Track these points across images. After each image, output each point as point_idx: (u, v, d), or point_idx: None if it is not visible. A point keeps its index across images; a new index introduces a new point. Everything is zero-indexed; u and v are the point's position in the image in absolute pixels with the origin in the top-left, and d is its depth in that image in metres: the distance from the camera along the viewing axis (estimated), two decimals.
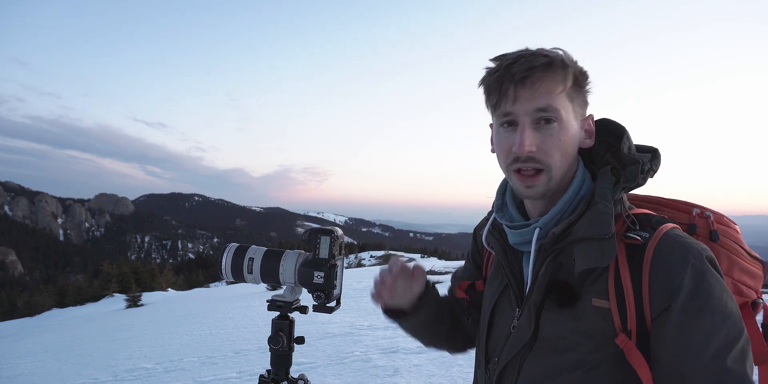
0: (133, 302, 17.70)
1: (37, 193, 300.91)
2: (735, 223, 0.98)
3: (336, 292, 1.06)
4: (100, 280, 26.89)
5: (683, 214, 0.99)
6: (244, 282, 1.10)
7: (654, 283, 0.81)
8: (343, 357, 5.27)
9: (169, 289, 26.71)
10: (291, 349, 1.13)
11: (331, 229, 1.05)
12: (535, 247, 0.92)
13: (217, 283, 38.12)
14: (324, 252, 1.03)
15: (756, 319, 0.91)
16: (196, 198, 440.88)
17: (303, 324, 7.02)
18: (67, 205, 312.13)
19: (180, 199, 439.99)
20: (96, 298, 24.51)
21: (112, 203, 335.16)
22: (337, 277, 1.05)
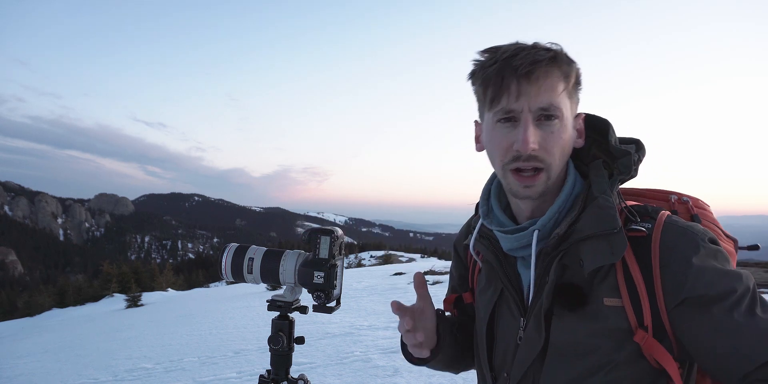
0: (133, 302, 17.70)
1: (37, 193, 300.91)
2: (708, 205, 0.98)
3: (336, 292, 1.06)
4: (100, 280, 26.89)
5: (662, 202, 0.98)
6: (244, 282, 1.10)
7: (667, 273, 0.78)
8: (343, 357, 5.27)
9: (169, 289, 26.70)
10: (291, 349, 1.13)
11: (331, 229, 1.05)
12: (536, 250, 0.88)
13: (217, 283, 38.12)
14: (324, 252, 1.03)
15: None
16: (196, 198, 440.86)
17: (303, 324, 7.02)
18: (67, 205, 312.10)
19: (180, 199, 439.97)
20: (96, 298, 24.51)
21: (112, 203, 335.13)
22: (337, 277, 1.05)
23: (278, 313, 1.13)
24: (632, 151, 0.89)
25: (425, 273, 12.82)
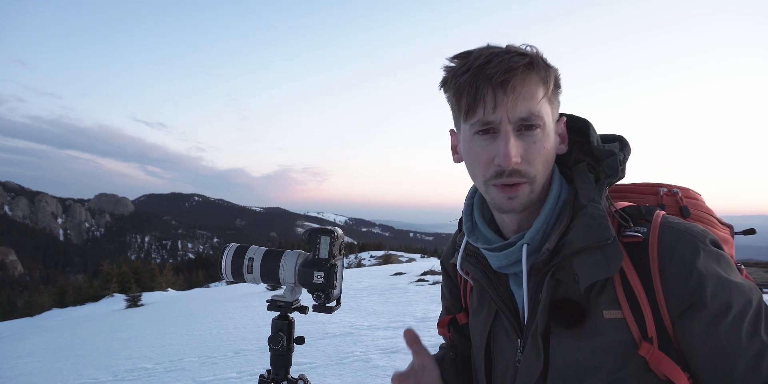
0: (133, 302, 17.72)
1: (37, 193, 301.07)
2: (699, 194, 0.94)
3: (336, 292, 1.06)
4: (100, 280, 26.93)
5: (651, 197, 0.94)
6: (244, 282, 1.10)
7: (668, 280, 0.73)
8: (343, 357, 5.27)
9: (169, 289, 26.73)
10: (291, 349, 1.13)
11: (331, 229, 1.04)
12: (527, 267, 0.83)
13: (217, 283, 38.15)
14: (324, 252, 1.03)
15: None
16: (196, 198, 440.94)
17: (303, 324, 7.02)
18: (67, 205, 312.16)
19: (180, 199, 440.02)
20: (96, 298, 24.54)
21: (112, 203, 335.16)
22: (337, 277, 1.05)
23: (278, 313, 1.13)
24: (616, 151, 0.83)
25: (425, 273, 12.81)
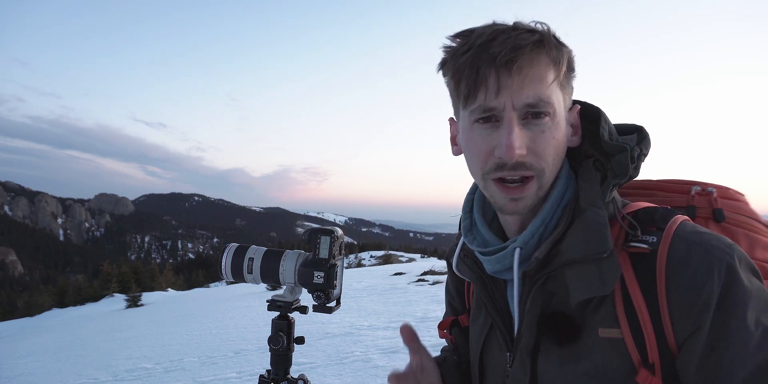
0: (133, 302, 17.71)
1: (37, 193, 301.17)
2: (742, 194, 0.81)
3: (336, 292, 1.06)
4: (100, 280, 26.92)
5: (681, 196, 0.81)
6: (244, 282, 1.09)
7: (674, 300, 0.63)
8: (343, 357, 5.27)
9: (169, 289, 26.72)
10: (291, 349, 1.13)
11: (331, 229, 1.04)
12: (518, 274, 0.73)
13: (217, 283, 38.13)
14: (324, 252, 1.03)
15: None
16: (196, 198, 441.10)
17: (303, 324, 7.02)
18: (67, 205, 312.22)
19: (180, 199, 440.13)
20: (96, 298, 24.53)
21: (112, 203, 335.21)
22: (337, 277, 1.04)
23: (278, 313, 1.13)
24: (631, 145, 0.72)
25: (425, 273, 12.80)
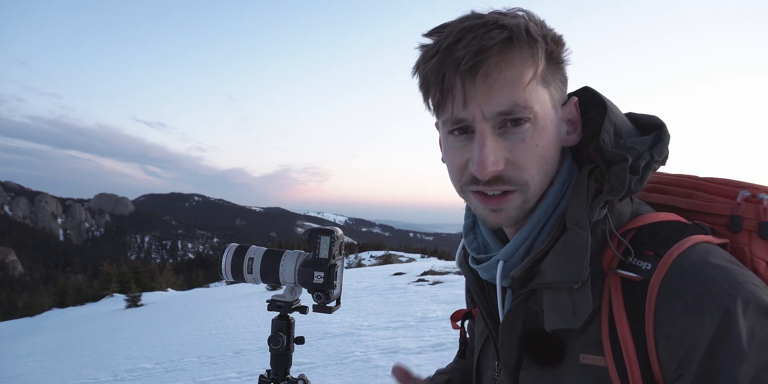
0: (133, 302, 17.72)
1: (37, 193, 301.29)
2: None
3: (336, 292, 1.06)
4: (100, 280, 26.96)
5: (725, 201, 0.67)
6: (244, 282, 1.09)
7: (661, 338, 0.55)
8: (343, 357, 5.27)
9: (169, 289, 26.74)
10: (291, 349, 1.13)
11: (331, 229, 1.04)
12: (500, 288, 0.69)
13: (217, 283, 38.14)
14: (324, 252, 1.03)
15: None
16: (196, 198, 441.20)
17: (303, 324, 7.02)
18: (67, 205, 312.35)
19: (180, 199, 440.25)
20: (96, 298, 24.55)
21: (112, 203, 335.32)
22: (337, 277, 1.04)
23: (278, 313, 1.13)
24: (640, 151, 0.62)
25: (425, 273, 12.80)
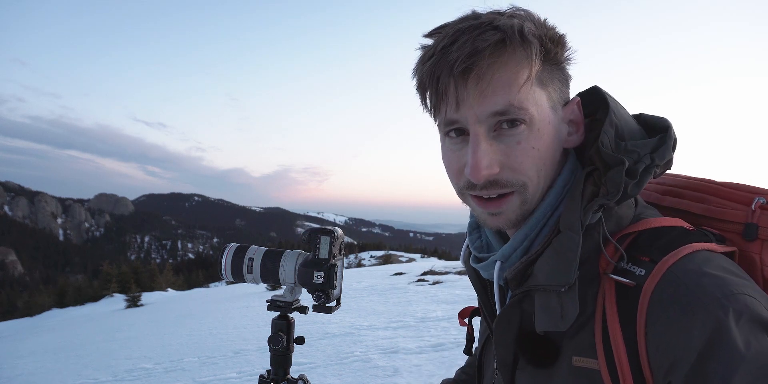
0: (133, 302, 17.72)
1: (37, 193, 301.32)
2: None
3: (336, 292, 1.06)
4: (100, 280, 26.96)
5: (739, 207, 0.66)
6: (244, 282, 1.09)
7: (651, 345, 0.55)
8: (343, 357, 5.27)
9: (169, 289, 26.73)
10: (291, 350, 1.13)
11: (331, 229, 1.04)
12: (497, 288, 0.70)
13: (216, 283, 38.15)
14: (324, 252, 1.03)
15: None
16: (196, 198, 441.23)
17: (303, 324, 7.02)
18: (66, 205, 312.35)
19: (180, 199, 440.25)
20: (96, 298, 24.55)
21: (111, 203, 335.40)
22: (337, 277, 1.04)
23: (278, 313, 1.13)
24: (640, 154, 0.62)
25: (425, 273, 12.80)
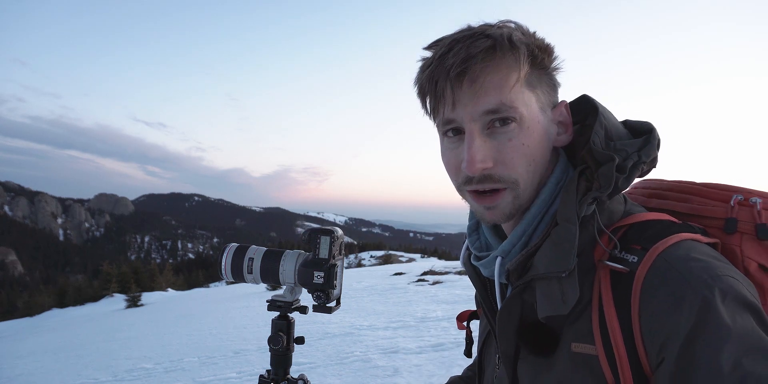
0: (133, 302, 17.72)
1: (37, 193, 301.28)
2: None
3: (336, 292, 1.06)
4: (100, 280, 26.95)
5: (719, 205, 0.72)
6: (244, 282, 1.10)
7: (645, 326, 0.59)
8: (343, 357, 5.27)
9: (169, 289, 26.73)
10: (291, 349, 1.13)
11: (331, 229, 1.04)
12: (498, 282, 0.74)
13: (216, 283, 38.15)
14: (324, 252, 1.03)
15: None
16: (196, 198, 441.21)
17: (303, 324, 7.02)
18: (67, 205, 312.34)
19: (180, 199, 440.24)
20: (96, 298, 24.55)
21: (111, 203, 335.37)
22: (337, 277, 1.04)
23: (278, 313, 1.13)
24: (628, 152, 0.68)
25: (425, 273, 12.81)
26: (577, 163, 0.74)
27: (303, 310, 1.13)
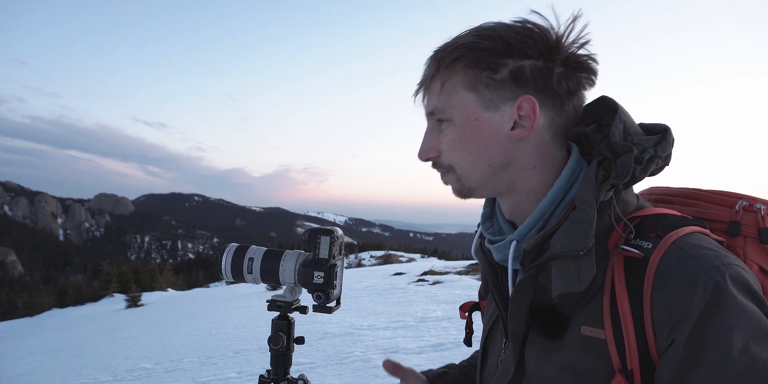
0: (133, 302, 17.71)
1: (37, 193, 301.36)
2: None
3: (336, 292, 1.06)
4: (100, 280, 26.97)
5: (724, 209, 0.76)
6: (244, 282, 1.09)
7: (656, 309, 0.61)
8: (343, 357, 5.27)
9: (169, 289, 26.73)
10: (291, 349, 1.13)
11: (331, 229, 1.04)
12: (512, 265, 0.76)
13: (216, 283, 38.13)
14: (324, 252, 1.03)
15: None
16: (196, 198, 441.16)
17: (303, 324, 7.02)
18: (67, 205, 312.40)
19: (180, 199, 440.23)
20: (96, 298, 24.55)
21: (112, 203, 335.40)
22: (337, 277, 1.04)
23: (278, 313, 1.13)
24: (645, 146, 0.70)
25: (425, 273, 12.81)
26: (595, 156, 0.76)
27: (303, 310, 1.13)
